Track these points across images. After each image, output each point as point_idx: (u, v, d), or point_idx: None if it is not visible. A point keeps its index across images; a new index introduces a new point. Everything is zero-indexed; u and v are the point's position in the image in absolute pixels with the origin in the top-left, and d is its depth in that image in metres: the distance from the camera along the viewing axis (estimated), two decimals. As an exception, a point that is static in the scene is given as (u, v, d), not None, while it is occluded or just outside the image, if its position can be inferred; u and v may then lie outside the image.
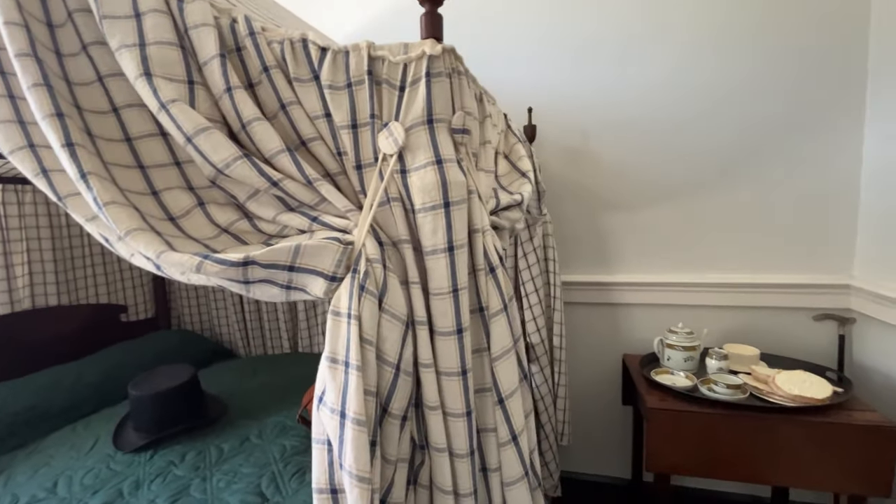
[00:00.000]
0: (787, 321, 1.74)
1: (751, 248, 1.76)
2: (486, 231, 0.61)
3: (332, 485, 0.50)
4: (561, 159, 1.92)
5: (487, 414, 0.62)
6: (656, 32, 1.74)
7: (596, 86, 1.82)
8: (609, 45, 1.79)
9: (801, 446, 1.33)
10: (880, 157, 1.55)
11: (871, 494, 1.29)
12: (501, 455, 0.59)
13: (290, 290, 0.57)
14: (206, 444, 1.40)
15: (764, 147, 1.70)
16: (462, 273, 0.56)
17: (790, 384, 1.38)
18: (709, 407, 1.40)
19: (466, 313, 0.57)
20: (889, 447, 1.25)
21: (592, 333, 1.95)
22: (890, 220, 1.51)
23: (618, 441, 1.96)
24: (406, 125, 0.56)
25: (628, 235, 1.89)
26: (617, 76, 1.80)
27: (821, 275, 1.69)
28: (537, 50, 1.86)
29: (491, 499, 0.62)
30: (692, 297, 1.81)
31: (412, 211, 0.56)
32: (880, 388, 1.54)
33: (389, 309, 0.54)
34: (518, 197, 0.73)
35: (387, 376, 0.53)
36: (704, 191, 1.78)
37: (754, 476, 1.39)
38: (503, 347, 0.59)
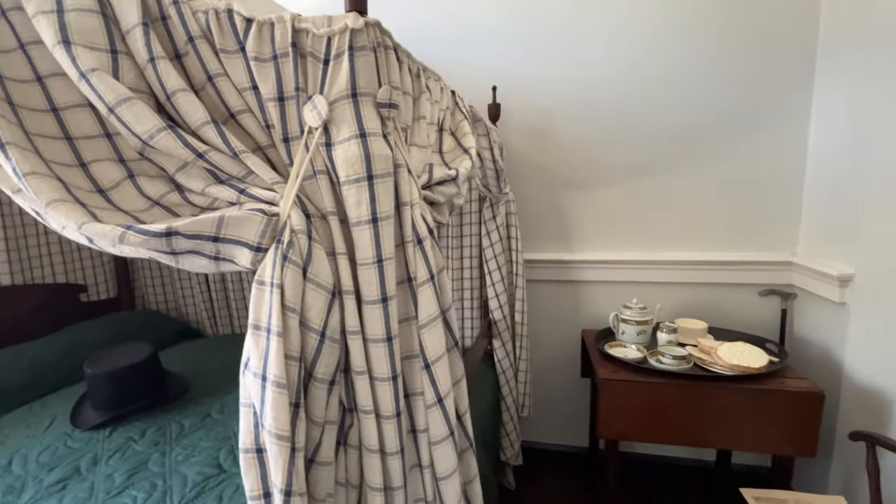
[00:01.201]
0: (736, 296, 1.82)
1: (703, 226, 1.83)
2: (414, 204, 0.63)
3: (257, 444, 0.52)
4: (525, 139, 1.94)
5: (415, 378, 0.65)
6: (618, 16, 1.75)
7: (560, 66, 1.84)
8: (574, 26, 1.80)
9: (739, 412, 1.42)
10: (825, 142, 1.62)
11: (799, 455, 1.39)
12: (428, 417, 0.63)
13: (219, 261, 0.59)
14: (167, 420, 1.41)
15: (718, 129, 1.75)
16: (387, 244, 0.59)
17: (730, 355, 1.46)
18: (656, 377, 1.47)
19: (392, 283, 0.59)
20: (815, 411, 1.35)
21: (554, 310, 2.01)
22: (829, 201, 1.59)
23: (576, 412, 2.05)
24: (330, 98, 0.57)
25: (589, 214, 1.93)
26: (580, 57, 1.81)
27: (767, 253, 1.78)
28: (503, 28, 1.86)
29: (420, 457, 0.66)
30: (648, 274, 1.88)
31: (338, 183, 0.58)
32: (815, 358, 1.64)
33: (314, 278, 0.56)
34: (453, 172, 0.74)
35: (311, 342, 0.55)
36: (661, 171, 1.83)
37: (698, 440, 1.49)
38: (430, 316, 0.62)
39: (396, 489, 0.62)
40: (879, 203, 1.37)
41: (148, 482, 1.13)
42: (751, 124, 1.72)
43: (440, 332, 0.63)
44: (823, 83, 1.61)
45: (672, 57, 1.73)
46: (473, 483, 0.74)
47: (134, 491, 1.10)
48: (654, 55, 1.74)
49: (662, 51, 1.73)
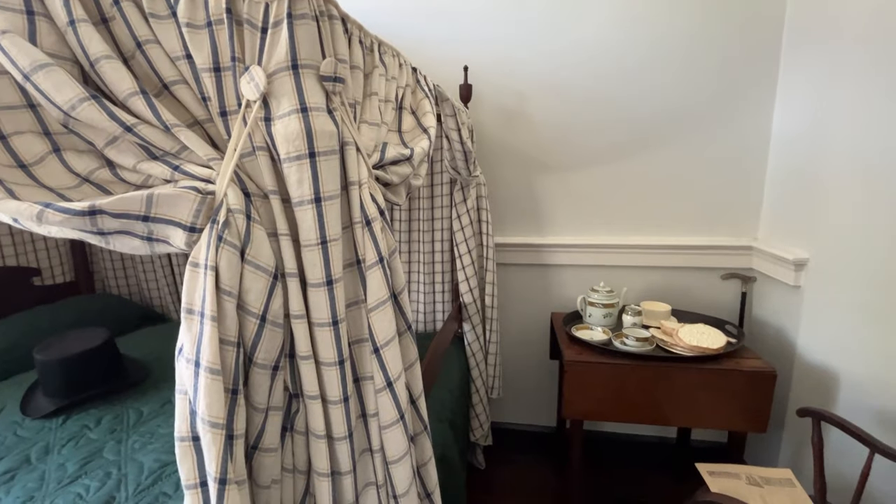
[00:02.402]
0: (699, 280, 1.87)
1: (670, 211, 1.86)
2: (363, 184, 0.61)
3: (192, 432, 0.50)
4: (497, 120, 1.92)
5: (365, 362, 0.63)
6: (592, 1, 1.73)
7: (533, 48, 1.81)
8: (548, 9, 1.76)
9: (697, 391, 1.47)
10: (786, 131, 1.65)
11: (751, 430, 1.45)
12: (378, 401, 0.62)
13: (152, 242, 0.55)
14: (125, 407, 1.37)
15: (685, 116, 1.76)
16: (332, 225, 0.56)
17: (690, 336, 1.50)
18: (619, 358, 1.50)
19: (338, 265, 0.57)
20: (767, 390, 1.41)
21: (524, 293, 2.03)
22: (788, 189, 1.63)
23: (545, 392, 2.09)
24: (269, 70, 0.54)
25: (560, 198, 1.94)
26: (553, 40, 1.78)
27: (729, 237, 1.82)
28: (476, 8, 1.81)
29: (370, 441, 0.65)
30: (616, 258, 1.91)
31: (279, 161, 0.55)
32: (772, 339, 1.70)
33: (253, 260, 0.53)
34: (407, 152, 0.72)
35: (251, 327, 0.53)
36: (630, 156, 1.84)
37: (659, 419, 1.53)
38: (379, 299, 0.61)
39: (345, 474, 0.61)
40: (833, 192, 1.41)
41: (102, 470, 1.10)
42: (717, 112, 1.73)
43: (390, 315, 0.62)
44: (787, 74, 1.63)
45: (643, 44, 1.72)
46: (428, 465, 0.74)
47: (87, 480, 1.07)
48: (625, 41, 1.73)
49: (634, 37, 1.72)
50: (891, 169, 1.23)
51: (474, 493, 1.87)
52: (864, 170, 1.31)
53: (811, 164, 1.51)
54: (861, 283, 1.32)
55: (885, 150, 1.24)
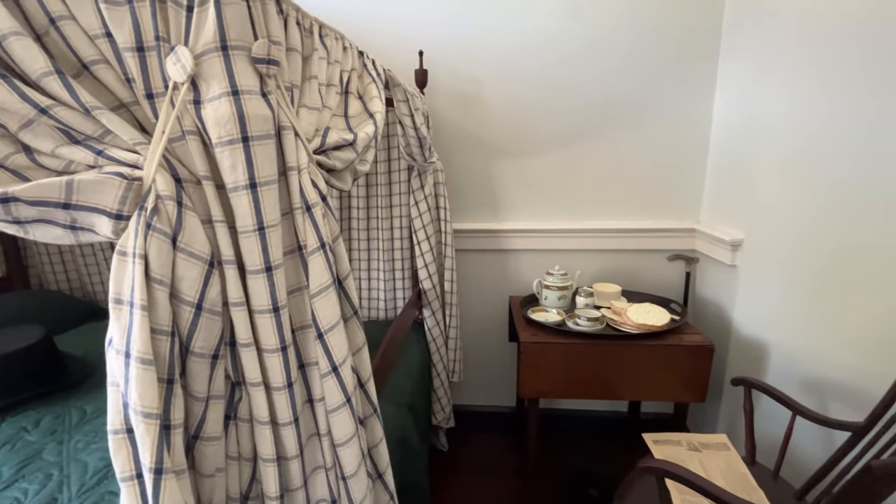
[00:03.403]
0: (647, 261, 1.96)
1: (620, 196, 1.93)
2: (303, 169, 0.61)
3: (126, 424, 0.49)
4: (453, 106, 1.92)
5: (309, 348, 0.64)
6: (542, -20, 1.74)
7: (489, 34, 1.81)
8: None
9: (644, 366, 1.55)
10: (725, 117, 1.74)
11: (692, 400, 1.56)
12: (324, 385, 0.62)
13: (76, 231, 0.53)
14: (66, 407, 1.31)
15: (633, 103, 1.83)
16: (270, 211, 0.56)
17: (637, 315, 1.58)
18: (572, 338, 1.57)
19: (277, 251, 0.57)
20: (705, 362, 1.51)
21: (483, 278, 2.06)
22: (726, 173, 1.73)
23: (505, 374, 2.15)
24: (196, 51, 0.52)
25: (516, 184, 1.97)
26: (509, 26, 1.79)
27: (675, 220, 1.91)
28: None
29: (318, 425, 0.65)
30: (571, 242, 1.97)
31: (210, 145, 0.54)
32: (712, 315, 1.81)
33: (186, 248, 0.52)
34: (350, 137, 0.72)
35: (186, 315, 0.52)
36: (582, 142, 1.89)
37: (610, 394, 1.61)
38: (321, 285, 0.61)
39: (291, 458, 0.62)
40: (764, 176, 1.50)
41: (42, 473, 1.05)
42: (663, 100, 1.81)
43: (334, 301, 0.62)
44: (726, 64, 1.72)
45: (592, 32, 1.76)
46: (379, 447, 0.75)
47: (25, 483, 1.02)
48: (575, 28, 1.77)
49: (583, 25, 1.76)
50: (815, 155, 1.32)
51: (438, 473, 1.92)
52: (791, 156, 1.40)
53: (746, 151, 1.60)
54: (788, 261, 1.43)
55: (811, 138, 1.33)
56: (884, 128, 1.15)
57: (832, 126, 1.27)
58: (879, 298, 1.22)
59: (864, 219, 1.23)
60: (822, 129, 1.30)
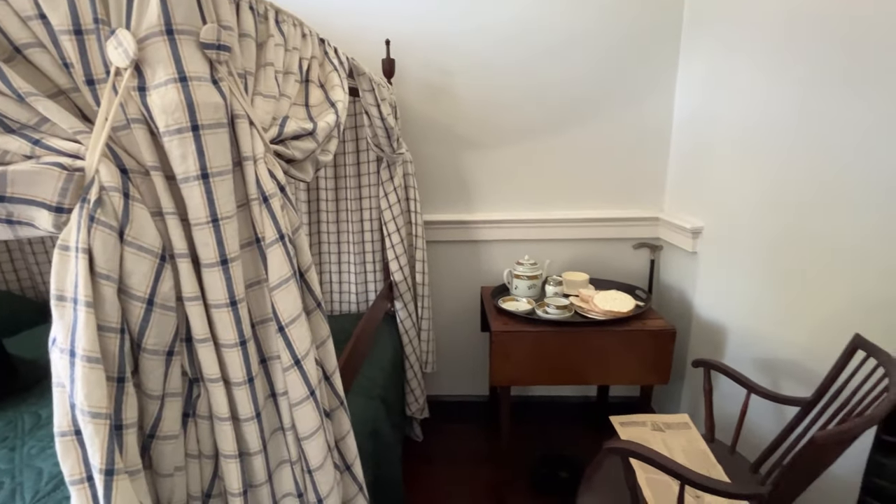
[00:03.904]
0: (614, 250, 2.01)
1: (587, 187, 1.97)
2: (259, 159, 0.59)
3: (74, 426, 0.47)
4: (422, 97, 1.90)
5: (271, 342, 0.63)
6: (508, -31, 1.74)
7: (457, 24, 1.80)
8: (464, -21, 1.76)
9: (610, 351, 1.60)
10: (685, 110, 1.79)
11: (656, 383, 1.61)
12: (286, 379, 0.62)
13: (13, 225, 0.50)
14: (19, 412, 1.25)
15: (599, 96, 1.86)
16: (224, 202, 0.54)
17: (604, 302, 1.62)
18: (542, 326, 1.59)
19: (233, 244, 0.55)
20: (667, 346, 1.56)
21: (454, 269, 2.07)
22: (687, 163, 1.78)
23: (478, 364, 2.17)
24: (140, 35, 0.49)
25: (486, 175, 1.98)
26: (478, 17, 1.79)
27: (640, 210, 1.97)
28: (394, -24, 1.77)
29: (282, 420, 0.65)
30: (541, 232, 1.99)
31: (158, 134, 0.51)
32: (675, 301, 1.88)
33: (134, 241, 0.50)
34: (309, 126, 0.70)
35: (136, 311, 0.50)
36: (551, 134, 1.91)
37: (579, 379, 1.65)
38: (281, 277, 0.60)
39: (254, 454, 0.61)
40: (721, 165, 1.56)
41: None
42: (627, 93, 1.84)
43: (294, 293, 0.61)
44: (686, 57, 1.76)
45: (559, 25, 1.78)
46: (346, 439, 0.75)
47: (-27, 493, 0.97)
48: (543, 22, 1.78)
49: (551, 18, 1.77)
50: (767, 147, 1.38)
51: (413, 463, 1.93)
52: (745, 147, 1.46)
53: (704, 142, 1.66)
54: (743, 247, 1.49)
55: (762, 130, 1.39)
56: (827, 119, 1.21)
57: (781, 119, 1.33)
58: (826, 282, 1.29)
59: (811, 206, 1.29)
60: (772, 121, 1.36)
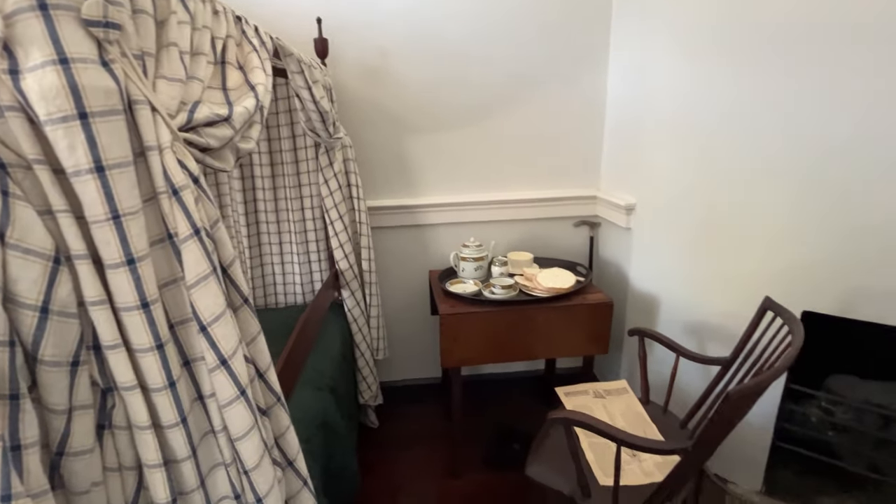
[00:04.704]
0: (556, 228, 2.08)
1: (528, 167, 2.01)
2: (165, 148, 0.55)
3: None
4: (360, 79, 1.85)
5: (193, 343, 0.59)
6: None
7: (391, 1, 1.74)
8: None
9: (554, 326, 1.66)
10: (618, 92, 1.86)
11: (596, 353, 1.70)
12: (213, 380, 0.59)
13: None
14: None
15: (536, 77, 1.88)
16: (125, 197, 0.50)
17: (546, 279, 1.68)
18: (488, 307, 1.63)
19: (140, 241, 0.51)
20: (606, 317, 1.65)
21: (402, 254, 2.06)
22: (620, 142, 1.86)
23: (429, 347, 2.19)
24: (6, 10, 0.44)
25: (428, 158, 1.96)
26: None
27: (578, 189, 2.03)
28: (322, -50, 1.68)
29: (212, 422, 0.62)
30: (484, 214, 2.02)
31: (39, 123, 0.46)
32: (612, 275, 1.98)
33: (19, 244, 0.45)
34: (224, 111, 0.66)
35: (28, 321, 0.46)
36: (490, 116, 1.93)
37: (527, 355, 1.71)
38: (199, 274, 0.56)
39: (182, 461, 0.58)
40: (651, 143, 1.64)
41: None
42: (563, 74, 1.88)
43: (215, 290, 0.58)
44: (617, 38, 1.82)
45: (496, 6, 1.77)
46: (286, 435, 0.73)
47: None
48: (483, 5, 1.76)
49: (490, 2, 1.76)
50: (691, 126, 1.46)
51: (370, 450, 1.93)
52: (671, 126, 1.54)
53: (635, 122, 1.73)
54: (671, 222, 1.59)
55: (686, 110, 1.47)
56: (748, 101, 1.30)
57: (705, 99, 1.41)
58: (744, 251, 1.40)
59: (732, 183, 1.39)
60: (697, 102, 1.44)
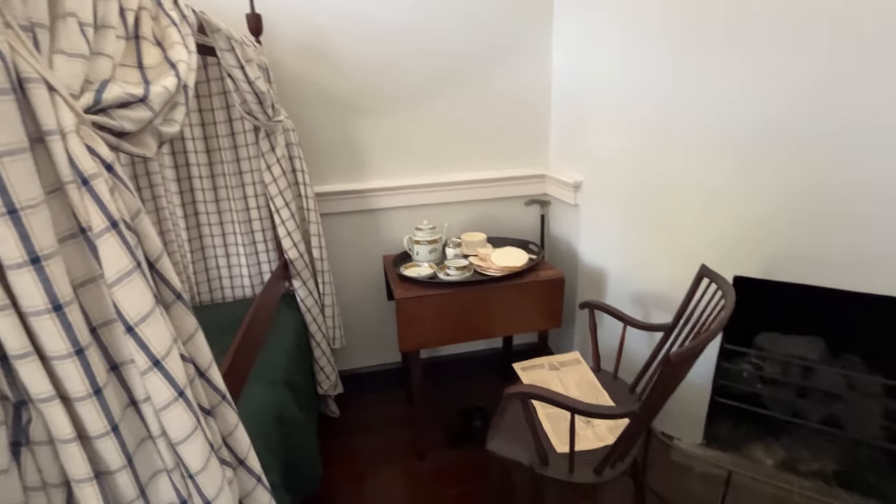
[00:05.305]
0: (508, 208, 2.10)
1: (478, 148, 2.00)
2: (69, 133, 0.49)
3: None
4: (302, 58, 1.75)
5: (120, 345, 0.55)
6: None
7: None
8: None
9: (509, 303, 1.69)
10: (562, 71, 1.88)
11: (550, 328, 1.76)
12: (147, 383, 0.55)
13: None
14: None
15: (483, 56, 1.87)
16: (23, 189, 0.44)
17: (500, 258, 1.70)
18: (444, 289, 1.63)
19: (45, 237, 0.46)
20: (558, 292, 1.70)
21: (354, 240, 2.01)
22: (566, 121, 1.89)
23: (387, 332, 2.17)
24: None
25: (377, 141, 1.91)
26: (345, -36, 1.66)
27: (528, 168, 2.06)
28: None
29: (149, 428, 0.58)
30: (437, 196, 2.00)
31: None
32: (563, 251, 2.04)
33: None
34: (139, 91, 0.60)
35: (-89, 334, 0.40)
36: (438, 97, 1.90)
37: (484, 333, 1.73)
38: (120, 271, 0.51)
39: (117, 471, 0.54)
40: (595, 121, 1.68)
41: None
42: (508, 53, 1.88)
43: (141, 287, 0.53)
44: (560, 17, 1.83)
45: (437, -25, 1.73)
46: (235, 433, 0.70)
47: None
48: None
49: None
50: (631, 105, 1.51)
51: (332, 440, 1.92)
52: (614, 104, 1.58)
53: (579, 101, 1.76)
54: (616, 197, 1.64)
55: (629, 88, 1.51)
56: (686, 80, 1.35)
57: (645, 78, 1.46)
58: (681, 223, 1.48)
59: (669, 158, 1.45)
60: (637, 80, 1.48)
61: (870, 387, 1.43)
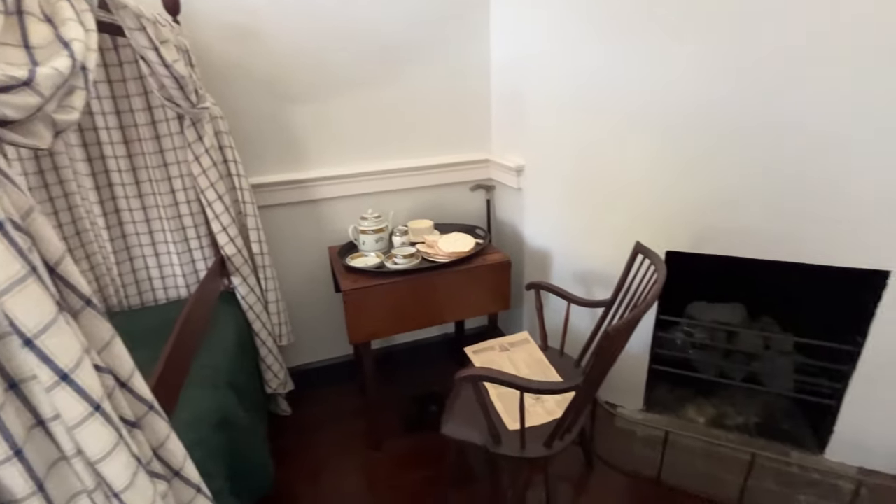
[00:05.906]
0: (453, 194, 2.10)
1: (420, 134, 1.98)
2: (-69, 122, 0.42)
3: None
4: (227, 40, 1.64)
5: (18, 361, 0.49)
6: None
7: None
8: None
9: (458, 289, 1.70)
10: (501, 57, 1.88)
11: (499, 310, 1.79)
12: (54, 400, 0.50)
13: None
14: None
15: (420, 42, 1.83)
16: None
17: (447, 244, 1.71)
18: (392, 278, 1.61)
19: None
20: (505, 275, 1.73)
21: (297, 232, 1.94)
22: (507, 107, 1.91)
23: (336, 325, 2.13)
24: None
25: (315, 128, 1.84)
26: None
27: (472, 153, 2.07)
28: None
29: (62, 448, 0.53)
30: (381, 184, 1.97)
31: None
32: (509, 235, 2.07)
33: None
34: (22, 74, 0.53)
35: None
36: (379, 83, 1.85)
37: (435, 320, 1.73)
38: (10, 278, 0.46)
39: (25, 499, 0.49)
40: (534, 105, 1.71)
41: None
42: (445, 38, 1.86)
43: (38, 294, 0.48)
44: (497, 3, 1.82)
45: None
46: (167, 444, 0.66)
47: None
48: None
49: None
50: (567, 87, 1.54)
51: (285, 439, 1.86)
52: (551, 89, 1.61)
53: (519, 86, 1.78)
54: (557, 179, 1.69)
55: (563, 72, 1.54)
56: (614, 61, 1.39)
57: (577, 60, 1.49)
58: (616, 202, 1.54)
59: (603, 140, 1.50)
60: (572, 64, 1.51)
61: (783, 345, 1.58)
